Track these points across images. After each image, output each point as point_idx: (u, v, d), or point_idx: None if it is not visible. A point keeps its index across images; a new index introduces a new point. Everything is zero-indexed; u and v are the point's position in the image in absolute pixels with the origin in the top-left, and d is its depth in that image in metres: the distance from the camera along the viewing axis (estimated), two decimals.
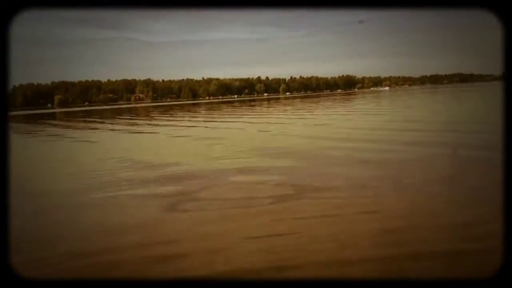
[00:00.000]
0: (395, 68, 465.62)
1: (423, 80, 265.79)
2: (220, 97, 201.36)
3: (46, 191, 8.68)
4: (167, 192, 7.67)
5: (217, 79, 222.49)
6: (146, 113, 56.53)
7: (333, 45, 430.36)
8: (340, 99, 71.29)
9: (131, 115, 52.25)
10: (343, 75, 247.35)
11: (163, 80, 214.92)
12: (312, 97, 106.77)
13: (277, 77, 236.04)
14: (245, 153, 12.23)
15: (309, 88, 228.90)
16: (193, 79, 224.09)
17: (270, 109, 49.09)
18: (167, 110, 60.37)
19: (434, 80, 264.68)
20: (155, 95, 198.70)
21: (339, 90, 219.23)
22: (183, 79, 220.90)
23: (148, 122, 35.07)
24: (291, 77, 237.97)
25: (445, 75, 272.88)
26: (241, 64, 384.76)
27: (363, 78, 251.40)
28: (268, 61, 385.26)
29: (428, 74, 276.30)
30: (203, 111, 52.77)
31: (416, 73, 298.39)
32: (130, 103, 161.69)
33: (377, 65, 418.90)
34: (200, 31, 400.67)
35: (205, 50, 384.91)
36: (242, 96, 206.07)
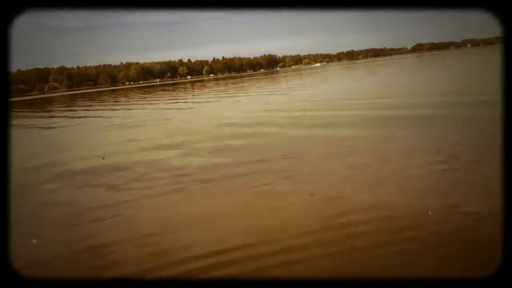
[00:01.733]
0: (313, 46, 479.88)
1: (340, 56, 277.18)
2: (141, 82, 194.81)
3: None
4: None
5: (137, 63, 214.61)
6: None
7: (250, 25, 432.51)
8: (267, 77, 72.56)
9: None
10: (265, 55, 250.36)
11: (78, 67, 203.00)
12: (236, 77, 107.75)
13: (199, 59, 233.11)
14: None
15: (233, 69, 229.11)
16: (111, 65, 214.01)
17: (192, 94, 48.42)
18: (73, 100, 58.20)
19: (350, 56, 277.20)
20: (70, 83, 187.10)
21: (262, 70, 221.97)
22: (100, 65, 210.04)
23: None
24: (214, 59, 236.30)
25: (360, 50, 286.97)
26: (161, 48, 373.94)
27: (284, 57, 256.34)
28: (189, 43, 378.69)
29: (345, 50, 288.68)
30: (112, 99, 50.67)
31: (333, 50, 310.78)
32: (44, 93, 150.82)
33: (296, 43, 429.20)
34: (114, 15, 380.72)
35: (122, 34, 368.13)
36: (164, 79, 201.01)
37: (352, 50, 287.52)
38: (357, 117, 13.47)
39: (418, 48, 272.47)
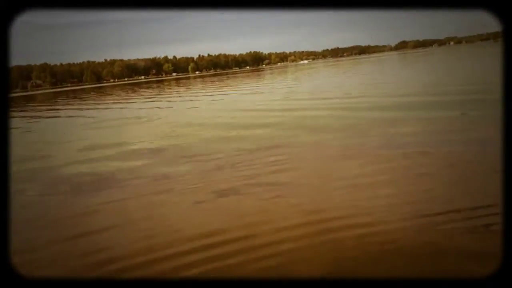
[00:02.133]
0: (298, 43, 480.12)
1: (325, 54, 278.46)
2: (126, 79, 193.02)
3: None
4: None
5: (121, 60, 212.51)
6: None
7: (236, 22, 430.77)
8: (254, 75, 72.57)
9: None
10: (250, 52, 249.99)
11: (61, 64, 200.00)
12: (222, 75, 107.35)
13: (185, 56, 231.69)
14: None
15: (218, 66, 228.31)
16: (95, 61, 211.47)
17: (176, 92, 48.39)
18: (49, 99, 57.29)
19: (335, 53, 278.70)
20: (54, 80, 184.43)
21: (248, 67, 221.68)
22: (84, 62, 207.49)
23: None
24: (200, 56, 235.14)
25: (345, 48, 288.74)
26: (146, 44, 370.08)
27: (270, 54, 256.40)
28: (175, 40, 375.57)
29: (330, 48, 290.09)
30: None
31: (318, 48, 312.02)
32: (27, 91, 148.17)
33: (281, 40, 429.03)
34: (99, 12, 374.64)
35: (106, 31, 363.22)
36: (149, 77, 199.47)
37: (337, 48, 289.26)
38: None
39: (402, 46, 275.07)
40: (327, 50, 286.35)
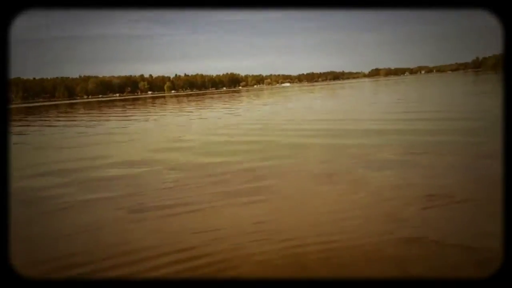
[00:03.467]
0: (274, 66, 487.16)
1: (300, 78, 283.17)
2: (100, 96, 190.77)
3: None
4: None
5: (96, 77, 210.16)
6: None
7: (214, 44, 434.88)
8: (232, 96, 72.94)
9: None
10: (227, 73, 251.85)
11: (34, 79, 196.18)
12: (198, 95, 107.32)
13: (161, 74, 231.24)
14: None
15: (195, 86, 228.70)
16: (68, 77, 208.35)
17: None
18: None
19: (311, 77, 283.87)
20: (25, 94, 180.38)
21: (224, 88, 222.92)
22: (57, 77, 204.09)
23: None
24: (176, 75, 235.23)
25: (320, 73, 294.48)
26: (122, 62, 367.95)
27: (247, 76, 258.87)
28: (151, 58, 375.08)
29: (305, 72, 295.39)
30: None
31: (294, 72, 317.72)
32: None
33: (258, 63, 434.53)
34: (75, 27, 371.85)
35: (81, 46, 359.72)
36: (124, 94, 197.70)
37: (312, 72, 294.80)
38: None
39: (374, 73, 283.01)
40: (303, 74, 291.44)
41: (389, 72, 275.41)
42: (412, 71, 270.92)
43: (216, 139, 14.37)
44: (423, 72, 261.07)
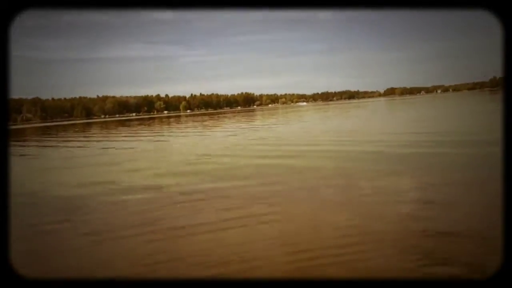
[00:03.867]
0: (289, 85, 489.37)
1: (315, 97, 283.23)
2: (117, 115, 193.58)
3: None
4: None
5: (113, 97, 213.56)
6: None
7: (229, 63, 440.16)
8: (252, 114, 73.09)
9: None
10: (242, 93, 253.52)
11: (53, 99, 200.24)
12: (213, 114, 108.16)
13: (177, 94, 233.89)
14: None
15: (210, 105, 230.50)
16: (86, 97, 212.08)
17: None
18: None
19: (325, 97, 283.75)
20: (44, 114, 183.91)
21: (239, 107, 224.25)
22: (75, 97, 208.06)
23: None
24: (192, 95, 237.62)
25: (335, 92, 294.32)
26: (140, 82, 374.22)
27: (261, 96, 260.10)
28: (167, 79, 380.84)
29: (320, 91, 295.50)
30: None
31: (309, 91, 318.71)
32: (16, 124, 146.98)
33: (273, 82, 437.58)
34: (95, 49, 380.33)
35: (101, 67, 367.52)
36: (141, 114, 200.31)
37: (327, 92, 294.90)
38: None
39: (390, 92, 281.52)
40: (317, 93, 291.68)
41: (405, 91, 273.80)
42: (428, 90, 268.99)
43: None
44: (439, 91, 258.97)
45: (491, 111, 32.07)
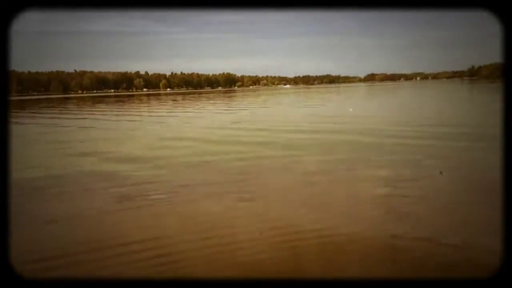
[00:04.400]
0: (271, 68, 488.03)
1: (296, 80, 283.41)
2: (95, 91, 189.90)
3: None
4: None
5: (91, 72, 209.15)
6: None
7: (211, 43, 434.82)
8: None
9: None
10: (223, 73, 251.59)
11: (29, 72, 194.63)
12: (194, 93, 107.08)
13: (157, 72, 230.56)
14: None
15: (190, 85, 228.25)
16: (64, 72, 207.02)
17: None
18: None
19: (306, 80, 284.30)
20: (20, 88, 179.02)
21: (220, 88, 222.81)
22: (52, 71, 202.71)
23: None
24: (172, 73, 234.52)
25: (316, 76, 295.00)
26: (119, 58, 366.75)
27: (243, 77, 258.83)
28: (147, 56, 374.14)
29: (301, 75, 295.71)
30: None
31: (290, 74, 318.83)
32: None
33: (254, 64, 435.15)
34: (73, 22, 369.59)
35: (78, 41, 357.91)
36: (119, 90, 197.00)
37: (308, 75, 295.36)
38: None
39: (370, 78, 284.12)
40: (299, 77, 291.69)
41: (385, 78, 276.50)
42: (407, 77, 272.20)
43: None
44: (418, 78, 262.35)
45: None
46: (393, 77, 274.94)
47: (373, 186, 7.35)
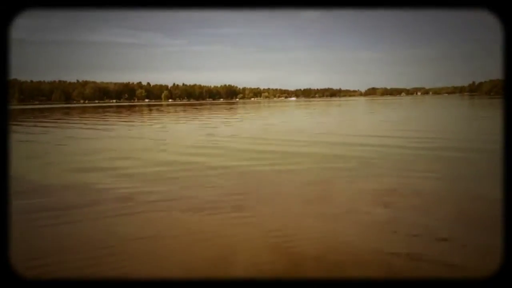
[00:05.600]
0: (272, 80, 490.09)
1: (297, 93, 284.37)
2: (97, 101, 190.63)
3: None
4: None
5: (93, 82, 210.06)
6: None
7: (214, 55, 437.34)
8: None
9: None
10: (225, 85, 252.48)
11: (31, 81, 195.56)
12: (195, 105, 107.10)
13: (159, 83, 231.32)
14: None
15: (192, 96, 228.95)
16: (66, 81, 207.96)
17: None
18: None
19: (307, 93, 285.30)
20: (22, 96, 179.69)
21: (221, 99, 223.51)
22: (54, 81, 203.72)
23: None
24: (174, 84, 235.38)
25: (317, 89, 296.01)
26: (121, 69, 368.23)
27: (244, 89, 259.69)
28: (150, 67, 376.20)
29: (302, 88, 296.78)
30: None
31: (291, 86, 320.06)
32: None
33: (256, 77, 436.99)
34: (76, 32, 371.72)
35: (82, 51, 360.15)
36: (121, 101, 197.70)
37: (310, 88, 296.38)
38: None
39: (371, 92, 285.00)
40: (300, 90, 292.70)
41: (386, 92, 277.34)
42: (408, 92, 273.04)
43: None
44: (419, 93, 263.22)
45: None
46: (394, 92, 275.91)
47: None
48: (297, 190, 7.74)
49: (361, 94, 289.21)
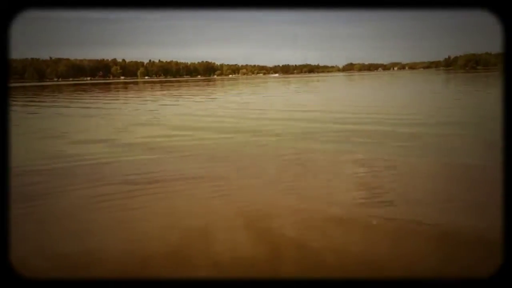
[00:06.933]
0: (251, 57, 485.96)
1: (275, 70, 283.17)
2: (71, 79, 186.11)
3: None
4: None
5: (67, 59, 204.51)
6: None
7: (190, 30, 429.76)
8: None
9: None
10: (203, 61, 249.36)
11: None
12: (172, 82, 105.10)
13: (135, 59, 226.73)
14: None
15: (169, 73, 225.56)
16: (38, 59, 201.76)
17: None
18: None
19: (286, 69, 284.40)
20: None
21: (199, 76, 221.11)
22: (27, 58, 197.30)
23: None
24: (150, 61, 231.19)
25: (295, 65, 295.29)
26: (95, 45, 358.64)
27: (222, 65, 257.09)
28: (124, 43, 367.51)
29: (281, 64, 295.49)
30: None
31: (269, 63, 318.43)
32: None
33: (234, 53, 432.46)
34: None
35: (53, 27, 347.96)
36: (96, 78, 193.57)
37: (288, 65, 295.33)
38: None
39: (348, 68, 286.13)
40: (278, 66, 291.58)
41: (363, 67, 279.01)
42: (385, 67, 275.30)
43: None
44: (395, 68, 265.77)
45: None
46: (371, 67, 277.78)
47: None
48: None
49: (339, 69, 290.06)
